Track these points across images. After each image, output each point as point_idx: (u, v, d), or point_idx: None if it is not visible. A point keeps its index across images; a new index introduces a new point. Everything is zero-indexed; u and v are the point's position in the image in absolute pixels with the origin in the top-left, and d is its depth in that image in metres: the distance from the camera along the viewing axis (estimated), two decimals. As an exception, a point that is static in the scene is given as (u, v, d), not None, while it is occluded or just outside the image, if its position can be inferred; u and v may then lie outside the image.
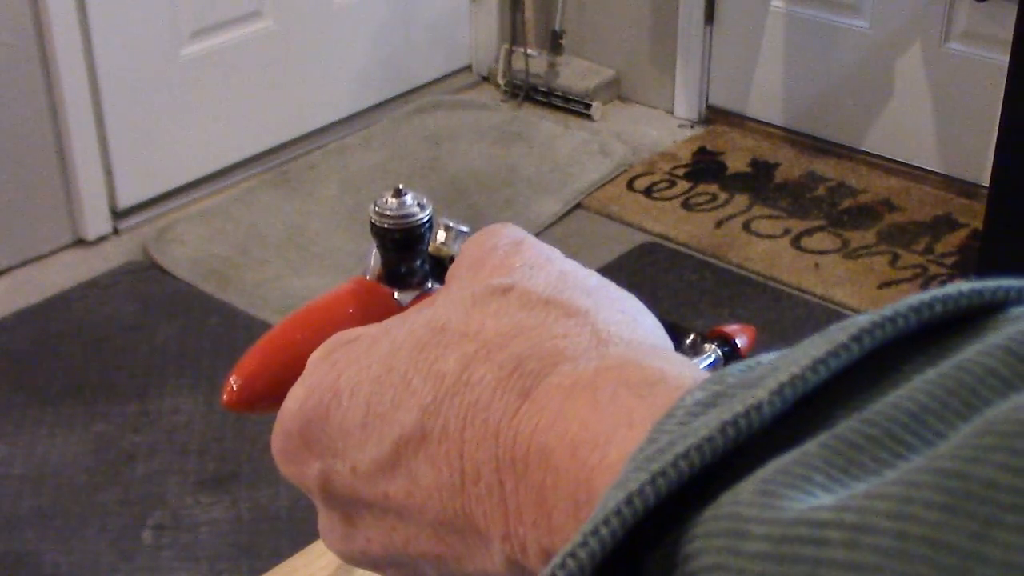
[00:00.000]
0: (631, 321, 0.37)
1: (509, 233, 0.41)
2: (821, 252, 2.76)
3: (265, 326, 2.17)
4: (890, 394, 0.26)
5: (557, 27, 3.41)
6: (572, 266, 0.39)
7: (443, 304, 0.38)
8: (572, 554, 0.26)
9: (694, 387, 0.29)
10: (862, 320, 0.27)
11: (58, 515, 2.06)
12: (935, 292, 0.28)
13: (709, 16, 3.25)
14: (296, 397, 0.40)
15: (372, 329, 0.40)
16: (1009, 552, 0.21)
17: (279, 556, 0.91)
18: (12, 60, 2.56)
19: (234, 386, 0.44)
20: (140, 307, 2.56)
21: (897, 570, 0.22)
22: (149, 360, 2.40)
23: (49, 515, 2.06)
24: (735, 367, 0.29)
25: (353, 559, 0.41)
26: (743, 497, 0.25)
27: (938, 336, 0.27)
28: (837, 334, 0.27)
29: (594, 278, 0.39)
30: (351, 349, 0.39)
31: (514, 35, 3.44)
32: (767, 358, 0.29)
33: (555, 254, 0.40)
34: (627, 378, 0.32)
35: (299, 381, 0.41)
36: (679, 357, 0.34)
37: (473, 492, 0.34)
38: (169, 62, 2.82)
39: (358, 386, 0.38)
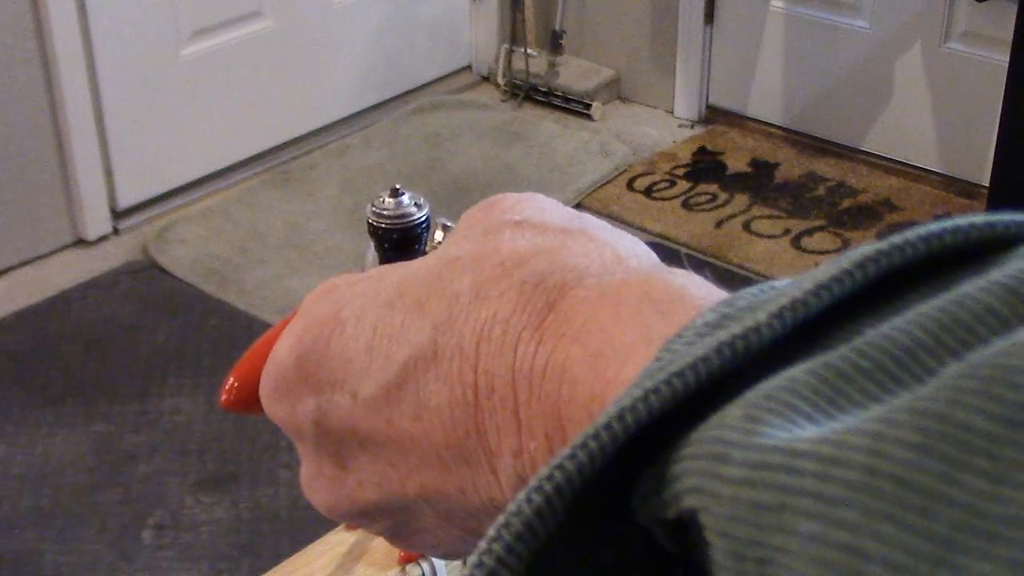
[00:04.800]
0: (648, 251, 0.36)
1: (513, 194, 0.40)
2: (821, 252, 2.76)
3: (265, 326, 2.17)
4: (887, 324, 0.25)
5: (557, 27, 3.41)
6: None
7: (453, 241, 0.38)
8: (560, 466, 0.26)
9: (707, 309, 0.29)
10: (868, 248, 0.27)
11: (58, 515, 2.06)
12: (945, 223, 0.27)
13: (709, 16, 3.24)
14: (293, 332, 0.39)
15: (378, 269, 0.39)
16: (974, 496, 0.21)
17: (279, 556, 0.91)
18: (12, 60, 2.56)
19: (233, 386, 0.43)
20: (140, 307, 2.56)
21: (863, 504, 0.22)
22: (149, 360, 2.40)
23: (49, 515, 2.06)
24: (749, 290, 0.29)
25: (340, 510, 0.39)
26: (729, 421, 0.25)
27: (946, 268, 0.27)
28: (843, 261, 0.27)
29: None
30: (357, 284, 0.38)
31: (514, 35, 3.44)
32: (780, 283, 0.29)
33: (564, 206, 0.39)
34: (651, 292, 0.32)
35: (295, 319, 0.39)
36: (700, 279, 0.33)
37: (486, 406, 0.33)
38: (169, 62, 2.81)
39: (364, 312, 0.37)
